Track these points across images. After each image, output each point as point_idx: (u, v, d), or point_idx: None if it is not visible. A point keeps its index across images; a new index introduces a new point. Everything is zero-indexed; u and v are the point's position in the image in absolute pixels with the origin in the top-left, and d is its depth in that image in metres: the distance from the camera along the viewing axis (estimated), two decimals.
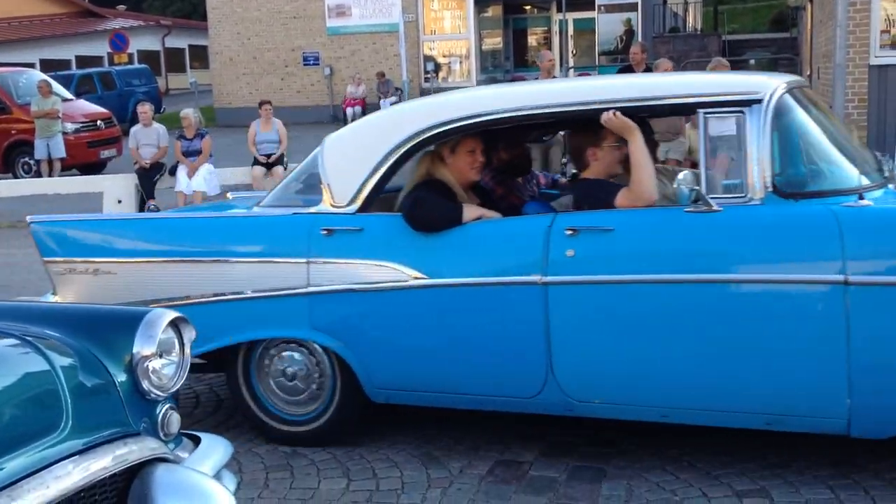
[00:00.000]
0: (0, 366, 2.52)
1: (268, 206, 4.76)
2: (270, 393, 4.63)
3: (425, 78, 26.33)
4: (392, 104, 12.35)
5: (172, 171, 14.07)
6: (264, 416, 4.65)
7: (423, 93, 22.61)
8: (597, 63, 27.10)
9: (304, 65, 27.22)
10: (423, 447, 4.50)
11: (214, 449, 3.04)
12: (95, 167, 18.60)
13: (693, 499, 3.83)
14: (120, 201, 14.22)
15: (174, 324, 2.96)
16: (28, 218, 4.93)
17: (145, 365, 2.84)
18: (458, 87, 17.53)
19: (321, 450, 4.56)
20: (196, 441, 3.07)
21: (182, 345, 2.99)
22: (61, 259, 4.77)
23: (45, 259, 4.80)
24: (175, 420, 2.95)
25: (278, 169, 13.97)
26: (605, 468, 4.15)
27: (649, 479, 4.02)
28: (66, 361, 2.65)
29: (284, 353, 4.57)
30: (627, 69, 10.64)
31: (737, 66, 16.54)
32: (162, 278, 4.58)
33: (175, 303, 4.47)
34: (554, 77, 13.77)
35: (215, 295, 4.50)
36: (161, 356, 2.90)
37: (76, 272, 4.73)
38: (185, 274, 4.55)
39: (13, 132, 18.33)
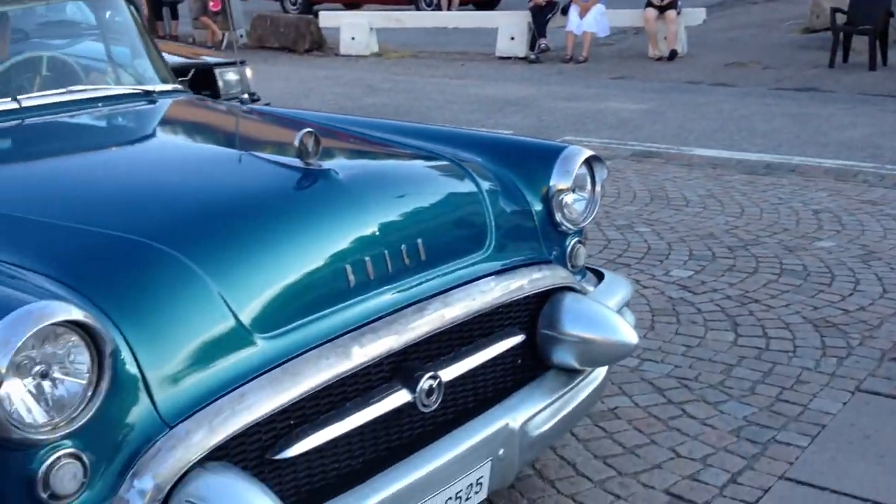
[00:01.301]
0: (436, 185, 2.73)
1: None
2: None
3: None
4: None
5: (565, 11, 14.11)
6: None
7: None
8: None
9: None
10: (821, 311, 4.32)
11: (617, 286, 3.12)
12: (490, 3, 19.15)
13: None
14: (512, 38, 14.61)
15: (588, 162, 3.02)
16: None
17: (560, 198, 2.93)
18: None
19: (709, 301, 4.53)
20: (599, 277, 3.16)
21: (594, 183, 3.05)
22: None
23: None
24: (582, 254, 3.05)
25: (671, 13, 13.50)
26: None
27: None
28: (491, 186, 2.80)
29: None
30: None
31: None
32: None
33: None
34: None
35: None
36: (574, 191, 2.98)
37: None
38: None
39: None
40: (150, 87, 3.40)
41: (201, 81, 6.47)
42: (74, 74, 3.35)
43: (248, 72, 6.85)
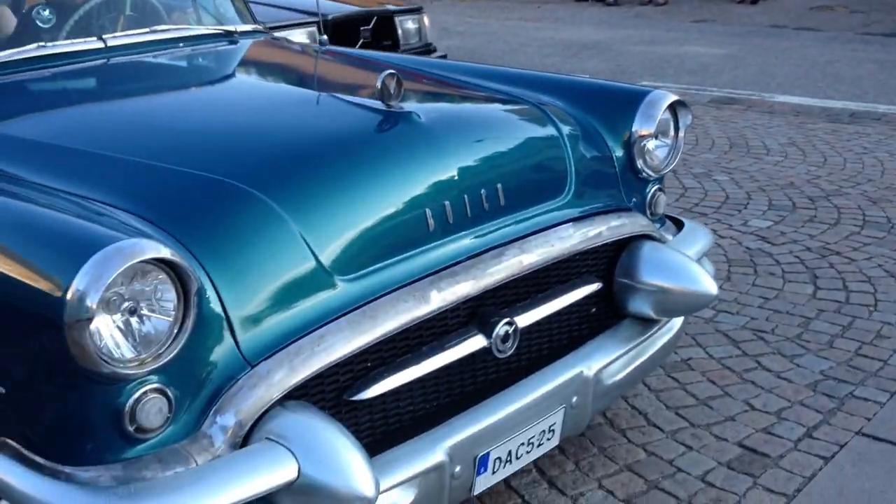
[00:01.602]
0: (516, 129, 2.69)
1: None
2: None
3: None
4: None
5: None
6: None
7: None
8: None
9: None
10: None
11: (697, 235, 3.06)
12: None
13: None
14: None
15: (672, 107, 2.95)
16: None
17: (642, 144, 2.87)
18: None
19: (788, 252, 4.44)
20: (679, 225, 3.11)
21: (677, 129, 2.98)
22: None
23: None
24: (662, 201, 2.99)
25: None
26: None
27: None
28: (572, 131, 2.76)
29: None
30: None
31: None
32: None
33: None
34: None
35: None
36: (657, 137, 2.92)
37: None
38: None
39: None
40: (231, 28, 3.41)
41: (381, 31, 6.49)
42: (157, 14, 3.37)
43: (426, 20, 6.85)
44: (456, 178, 2.31)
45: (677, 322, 2.91)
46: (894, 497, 2.73)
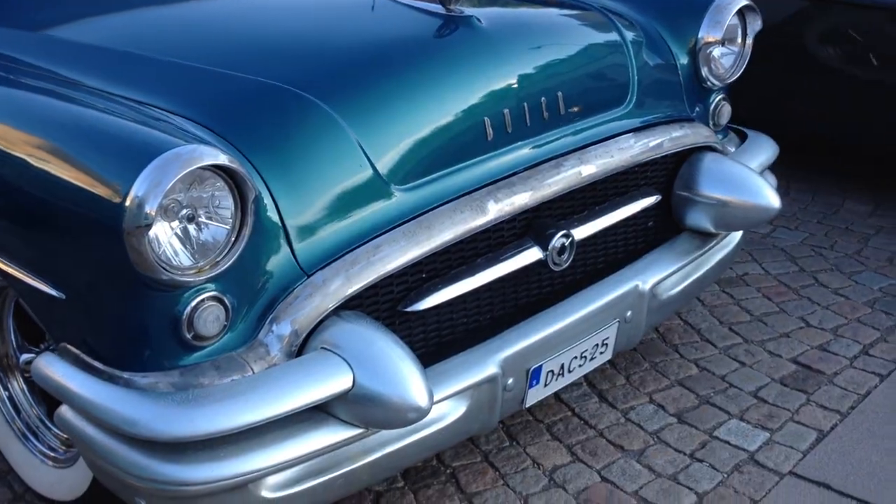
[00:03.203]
0: (578, 36, 2.59)
1: None
2: None
3: None
4: None
5: None
6: None
7: None
8: None
9: None
10: None
11: (761, 146, 2.97)
12: None
13: None
14: None
15: (741, 12, 2.82)
16: None
17: (708, 51, 2.77)
18: None
19: (850, 167, 4.31)
20: (742, 137, 3.02)
21: (745, 36, 2.86)
22: None
23: None
24: (726, 112, 2.90)
25: None
26: None
27: None
28: (635, 37, 2.66)
29: None
30: None
31: None
32: None
33: None
34: None
35: None
36: (724, 44, 2.81)
37: None
38: None
39: None
40: None
41: None
42: None
43: None
44: (515, 85, 2.24)
45: (735, 237, 2.86)
46: None
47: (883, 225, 3.83)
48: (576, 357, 2.33)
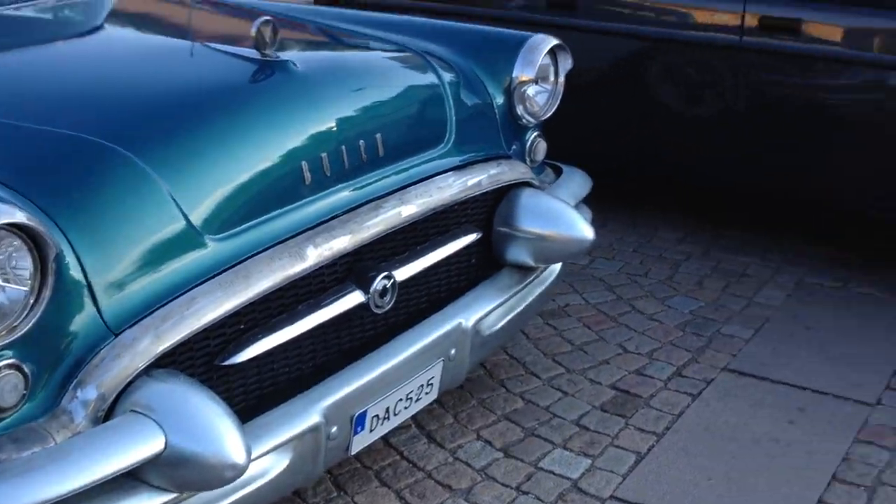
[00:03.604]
0: (396, 78, 2.62)
1: None
2: None
3: None
4: None
5: None
6: None
7: None
8: None
9: None
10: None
11: (575, 180, 3.07)
12: None
13: None
14: None
15: (553, 51, 2.92)
16: None
17: (522, 90, 2.85)
18: None
19: (661, 197, 4.51)
20: (558, 171, 3.11)
21: (557, 74, 2.96)
22: None
23: None
24: (542, 148, 2.98)
25: None
26: None
27: None
28: (452, 78, 2.70)
29: None
30: None
31: None
32: None
33: None
34: None
35: None
36: (537, 83, 2.89)
37: None
38: None
39: None
40: None
41: None
42: None
43: None
44: (334, 128, 2.23)
45: (555, 269, 2.94)
46: (757, 428, 2.85)
47: (692, 251, 4.04)
48: (401, 399, 2.33)
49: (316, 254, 2.08)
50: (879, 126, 3.56)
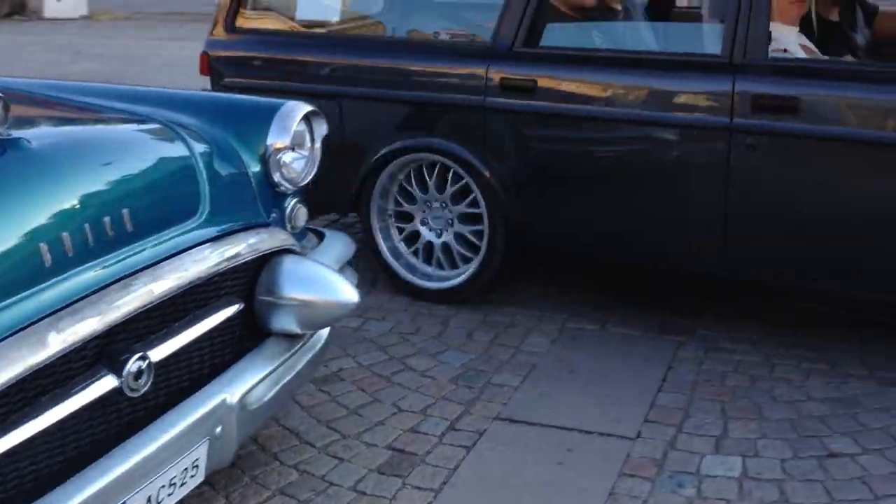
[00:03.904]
0: (143, 150, 2.54)
1: None
2: None
3: None
4: None
5: None
6: None
7: None
8: None
9: None
10: None
11: (338, 245, 3.08)
12: None
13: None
14: None
15: (307, 118, 2.94)
16: None
17: (278, 157, 2.84)
18: None
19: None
20: (320, 237, 3.11)
21: (313, 139, 2.98)
22: None
23: None
24: (302, 214, 2.97)
25: None
26: None
27: None
28: (204, 148, 2.65)
29: None
30: None
31: None
32: None
33: None
34: None
35: None
36: (293, 149, 2.90)
37: None
38: None
39: None
40: None
41: None
42: None
43: None
44: (75, 206, 2.13)
45: (324, 334, 2.91)
46: (529, 474, 2.92)
47: (460, 306, 4.13)
48: (164, 486, 2.22)
49: (60, 339, 1.96)
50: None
